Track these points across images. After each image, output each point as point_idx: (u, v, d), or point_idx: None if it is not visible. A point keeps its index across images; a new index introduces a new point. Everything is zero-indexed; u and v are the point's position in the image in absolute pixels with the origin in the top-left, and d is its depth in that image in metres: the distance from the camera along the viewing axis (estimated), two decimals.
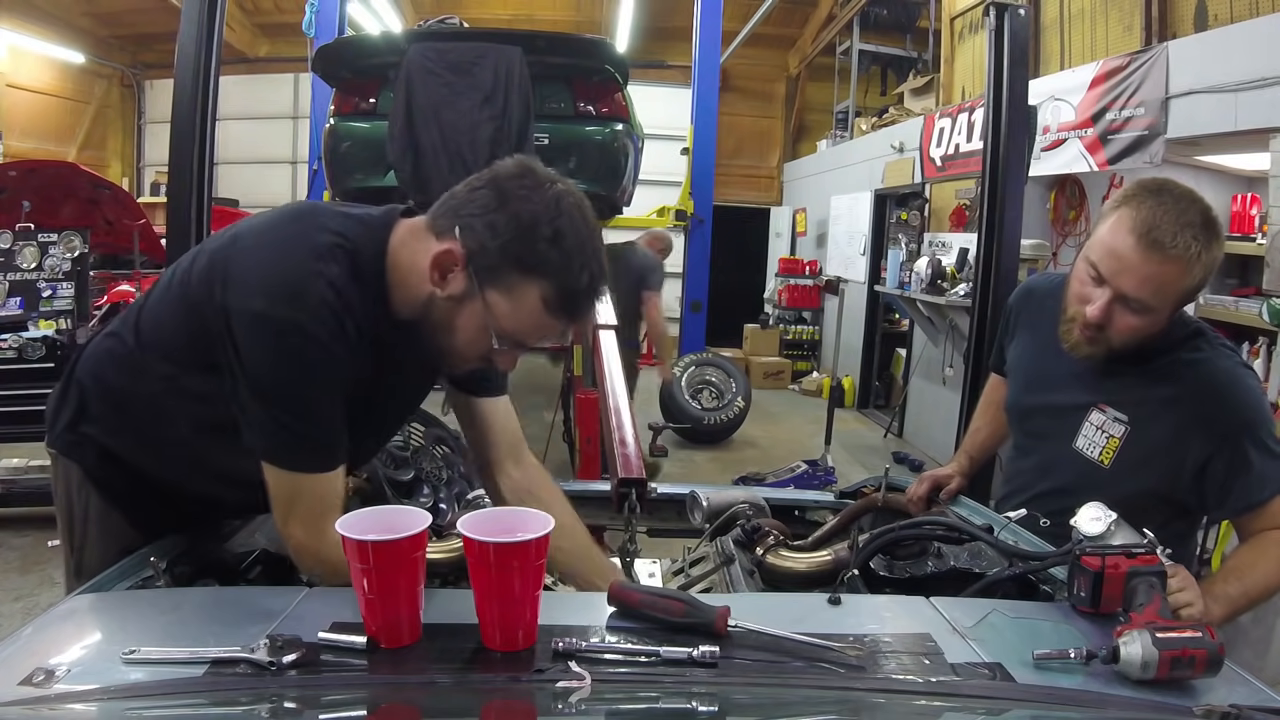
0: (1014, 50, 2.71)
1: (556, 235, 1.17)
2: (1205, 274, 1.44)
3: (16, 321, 4.91)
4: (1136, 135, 4.84)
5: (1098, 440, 1.59)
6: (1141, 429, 1.55)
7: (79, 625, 1.11)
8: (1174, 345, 1.56)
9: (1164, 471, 1.54)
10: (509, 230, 1.17)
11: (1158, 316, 1.48)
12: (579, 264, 1.19)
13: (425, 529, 1.04)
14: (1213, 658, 1.00)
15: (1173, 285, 1.43)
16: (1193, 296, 1.52)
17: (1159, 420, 1.54)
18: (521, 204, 1.17)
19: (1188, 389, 1.52)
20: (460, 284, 1.20)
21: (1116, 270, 1.45)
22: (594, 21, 11.90)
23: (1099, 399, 1.59)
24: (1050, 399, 1.68)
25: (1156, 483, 1.55)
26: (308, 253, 1.19)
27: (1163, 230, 1.40)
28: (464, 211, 1.20)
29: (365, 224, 1.27)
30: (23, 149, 9.87)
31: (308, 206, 1.30)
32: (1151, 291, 1.43)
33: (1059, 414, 1.65)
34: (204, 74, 2.58)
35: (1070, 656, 1.04)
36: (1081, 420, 1.61)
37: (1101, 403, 1.59)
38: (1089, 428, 1.60)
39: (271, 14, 11.75)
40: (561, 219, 1.17)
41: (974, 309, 2.93)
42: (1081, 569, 1.19)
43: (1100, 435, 1.59)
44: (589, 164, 4.41)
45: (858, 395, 9.15)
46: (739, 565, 1.56)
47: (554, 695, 0.95)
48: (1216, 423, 1.50)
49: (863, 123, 9.79)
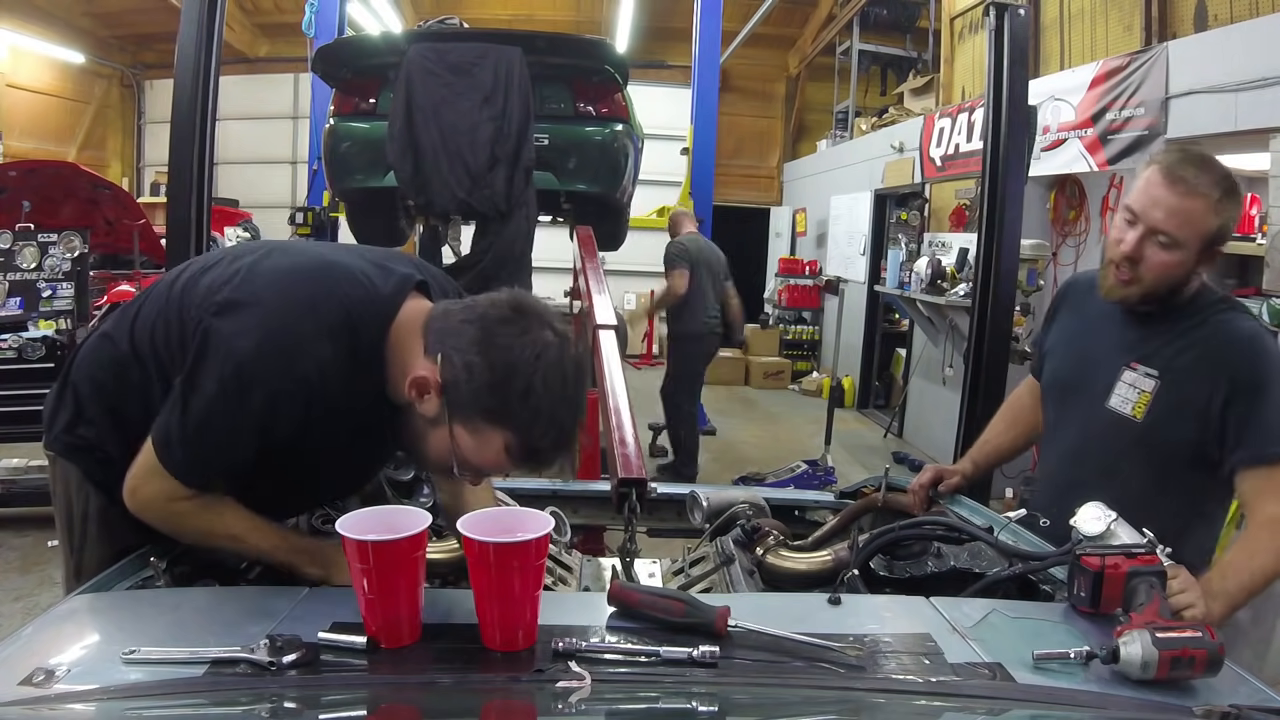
0: (1014, 50, 2.71)
1: (528, 391, 1.15)
2: (1226, 222, 1.60)
3: (16, 321, 4.91)
4: (1136, 135, 4.83)
5: (1130, 396, 1.68)
6: (1170, 382, 1.64)
7: (79, 625, 1.11)
8: (1202, 309, 1.67)
9: (1191, 419, 1.61)
10: (483, 377, 1.16)
11: (1186, 254, 1.59)
12: (545, 422, 1.18)
13: (425, 529, 1.05)
14: (1213, 658, 1.01)
15: (1198, 221, 1.57)
16: (1217, 242, 1.62)
17: (1186, 373, 1.63)
18: (501, 353, 1.16)
19: (1213, 344, 1.63)
20: (434, 408, 1.20)
21: (1147, 205, 1.59)
22: (594, 21, 11.90)
23: (1131, 358, 1.69)
24: (1085, 368, 1.79)
25: (1185, 432, 1.62)
26: (313, 326, 1.21)
27: (1188, 170, 1.58)
28: (449, 342, 1.20)
29: (375, 301, 1.27)
30: (23, 149, 9.88)
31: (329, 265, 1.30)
32: (1179, 224, 1.57)
33: (1094, 379, 1.74)
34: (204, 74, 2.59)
35: (1070, 657, 1.05)
36: (1115, 380, 1.70)
37: (1134, 361, 1.69)
38: (1122, 386, 1.69)
39: (271, 14, 11.76)
40: (537, 375, 1.15)
41: (974, 309, 2.93)
42: (1081, 569, 1.19)
43: (1133, 391, 1.68)
44: (589, 164, 4.41)
45: (858, 395, 9.15)
46: (739, 565, 1.56)
47: (554, 695, 0.95)
48: (1240, 370, 1.59)
49: (863, 123, 9.79)
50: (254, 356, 1.18)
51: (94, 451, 1.40)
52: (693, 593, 1.25)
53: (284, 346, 1.19)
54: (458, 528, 1.04)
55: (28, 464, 4.67)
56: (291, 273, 1.28)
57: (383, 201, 4.46)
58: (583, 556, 1.72)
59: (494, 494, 1.64)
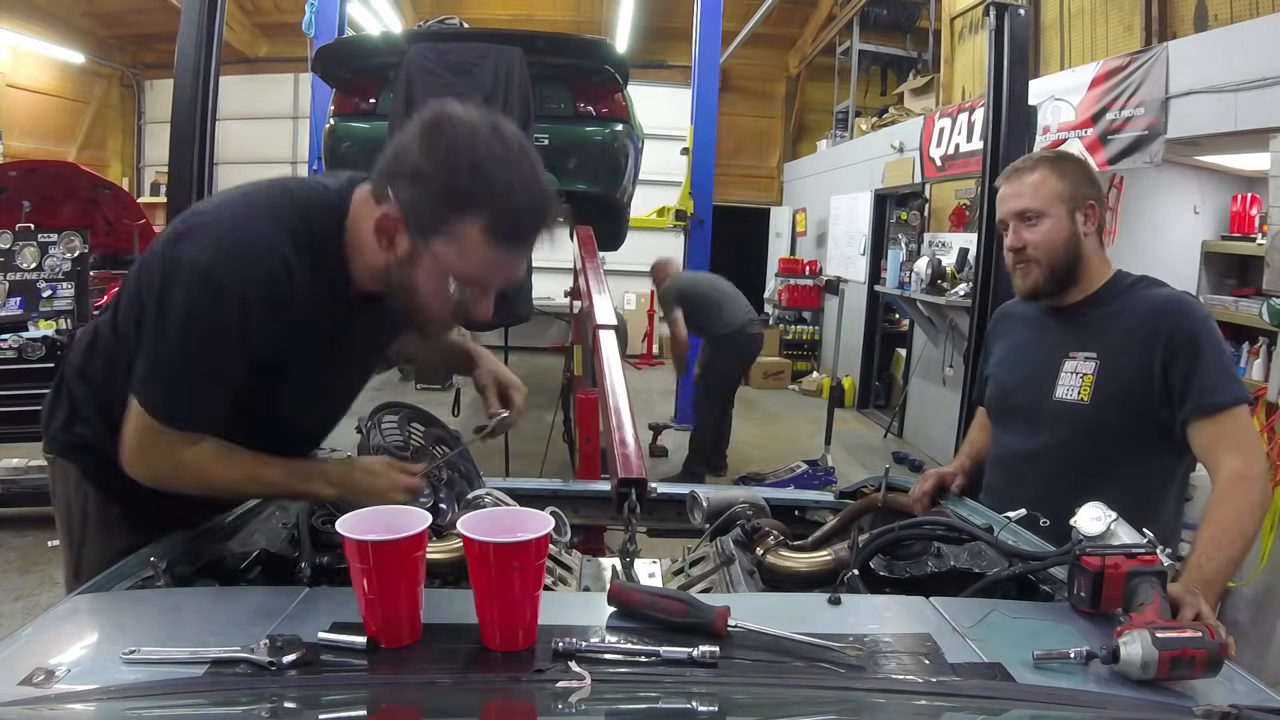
0: (1014, 50, 2.72)
1: (477, 165, 1.14)
2: (1078, 175, 1.74)
3: (16, 321, 4.91)
4: (1136, 135, 4.84)
5: (1074, 384, 1.74)
6: (1109, 360, 1.71)
7: (79, 625, 1.11)
8: (1124, 290, 1.76)
9: (1137, 391, 1.66)
10: (431, 175, 1.15)
11: (1056, 220, 1.73)
12: (505, 186, 1.15)
13: (425, 529, 1.04)
14: (1213, 658, 1.00)
15: (1045, 186, 1.73)
16: (1082, 197, 1.74)
17: (1122, 347, 1.70)
18: (438, 148, 1.16)
19: (1141, 312, 1.70)
20: (405, 242, 1.20)
21: (1001, 205, 1.79)
22: (594, 21, 11.90)
23: (1067, 350, 1.77)
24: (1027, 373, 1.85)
25: (1134, 406, 1.67)
26: (273, 227, 1.22)
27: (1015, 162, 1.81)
28: (392, 170, 1.20)
29: (327, 205, 1.29)
30: (23, 149, 9.87)
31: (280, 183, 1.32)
32: (1029, 197, 1.73)
33: (1036, 380, 1.81)
34: (204, 74, 2.59)
35: (1070, 657, 1.04)
36: (1057, 373, 1.76)
37: (1071, 351, 1.76)
38: (1064, 376, 1.76)
39: (271, 14, 11.75)
40: (479, 148, 1.14)
41: (974, 309, 2.93)
42: (1081, 569, 1.19)
43: (1075, 378, 1.74)
44: (589, 164, 4.42)
45: (858, 395, 9.15)
46: (739, 565, 1.56)
47: (554, 695, 0.95)
48: (1174, 331, 1.64)
49: (863, 123, 9.79)
50: (219, 260, 1.17)
51: (91, 449, 1.40)
52: (693, 593, 1.25)
53: (248, 246, 1.19)
54: (458, 528, 1.04)
55: (28, 464, 4.67)
56: (245, 192, 1.30)
57: None
58: (583, 556, 1.72)
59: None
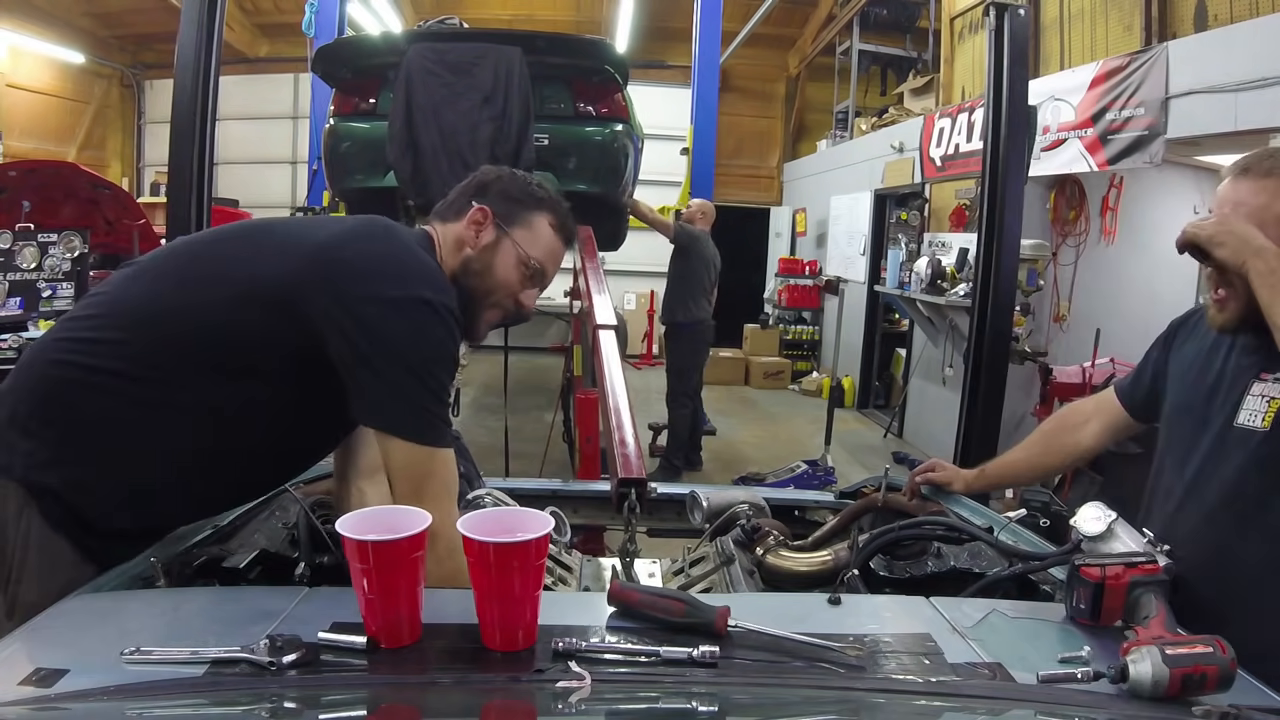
0: (1014, 50, 2.72)
1: (534, 185, 1.55)
2: None
3: (16, 321, 4.91)
4: (1136, 135, 4.84)
5: (1259, 408, 1.50)
6: None
7: (79, 625, 1.11)
8: None
9: None
10: (511, 185, 1.52)
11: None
12: (558, 200, 1.56)
13: (425, 529, 1.04)
14: (1224, 674, 0.97)
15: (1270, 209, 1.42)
16: None
17: None
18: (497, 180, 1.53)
19: None
20: (491, 234, 1.47)
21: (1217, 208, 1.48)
22: (594, 21, 11.90)
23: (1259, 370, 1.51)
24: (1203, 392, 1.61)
25: None
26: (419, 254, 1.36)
27: (1250, 160, 1.47)
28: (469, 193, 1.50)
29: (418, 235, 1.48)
30: (23, 149, 9.86)
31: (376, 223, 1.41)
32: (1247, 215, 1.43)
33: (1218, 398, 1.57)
34: (204, 74, 2.59)
35: (1078, 677, 1.00)
36: (1242, 396, 1.52)
37: (1263, 372, 1.50)
38: (1250, 399, 1.52)
39: (271, 14, 11.75)
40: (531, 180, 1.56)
41: (974, 309, 2.93)
42: (1081, 580, 1.14)
43: (1262, 402, 1.51)
44: (589, 164, 4.41)
45: (858, 395, 9.15)
46: (739, 565, 1.56)
47: (554, 695, 0.95)
48: None
49: (863, 123, 9.79)
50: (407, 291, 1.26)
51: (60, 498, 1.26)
52: (693, 593, 1.25)
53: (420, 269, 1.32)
54: (458, 528, 1.04)
55: None
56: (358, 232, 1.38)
57: (383, 201, 4.46)
58: (583, 556, 1.72)
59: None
